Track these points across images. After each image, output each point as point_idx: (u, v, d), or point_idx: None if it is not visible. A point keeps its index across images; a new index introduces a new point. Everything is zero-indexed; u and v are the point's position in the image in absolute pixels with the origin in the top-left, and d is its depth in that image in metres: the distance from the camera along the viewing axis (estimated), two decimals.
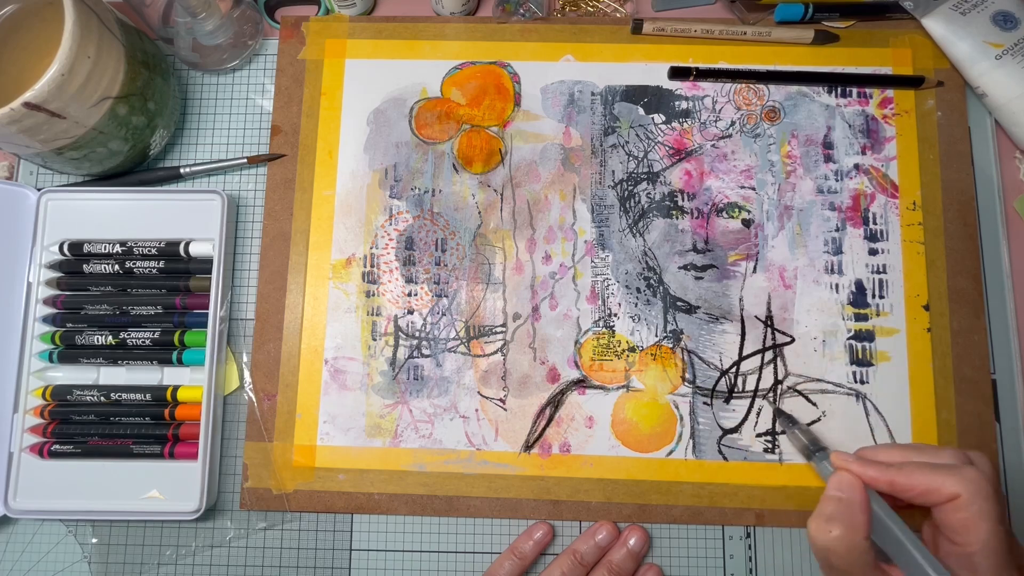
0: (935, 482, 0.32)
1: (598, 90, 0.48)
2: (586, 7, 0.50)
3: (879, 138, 0.47)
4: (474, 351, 0.45)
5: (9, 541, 0.44)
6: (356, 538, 0.44)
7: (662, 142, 0.47)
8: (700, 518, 0.42)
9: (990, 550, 0.31)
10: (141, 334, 0.44)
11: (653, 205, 0.46)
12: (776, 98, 0.47)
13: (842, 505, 0.33)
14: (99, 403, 0.44)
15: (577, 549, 0.41)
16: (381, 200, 0.47)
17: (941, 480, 0.32)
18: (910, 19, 0.48)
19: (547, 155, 0.47)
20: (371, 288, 0.46)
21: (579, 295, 0.45)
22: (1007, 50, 0.45)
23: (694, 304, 0.45)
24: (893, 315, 0.45)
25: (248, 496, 0.43)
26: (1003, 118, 0.46)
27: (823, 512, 0.33)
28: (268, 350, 0.45)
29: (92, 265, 0.45)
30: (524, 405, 0.44)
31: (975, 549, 0.31)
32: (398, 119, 0.48)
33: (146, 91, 0.42)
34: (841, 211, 0.46)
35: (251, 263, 0.47)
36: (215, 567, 0.44)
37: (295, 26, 0.49)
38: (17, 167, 0.49)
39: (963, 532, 0.31)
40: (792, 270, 0.45)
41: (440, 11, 0.49)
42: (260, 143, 0.49)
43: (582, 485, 0.43)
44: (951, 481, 0.31)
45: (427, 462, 0.44)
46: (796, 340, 0.44)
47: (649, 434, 0.44)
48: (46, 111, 0.37)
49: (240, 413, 0.45)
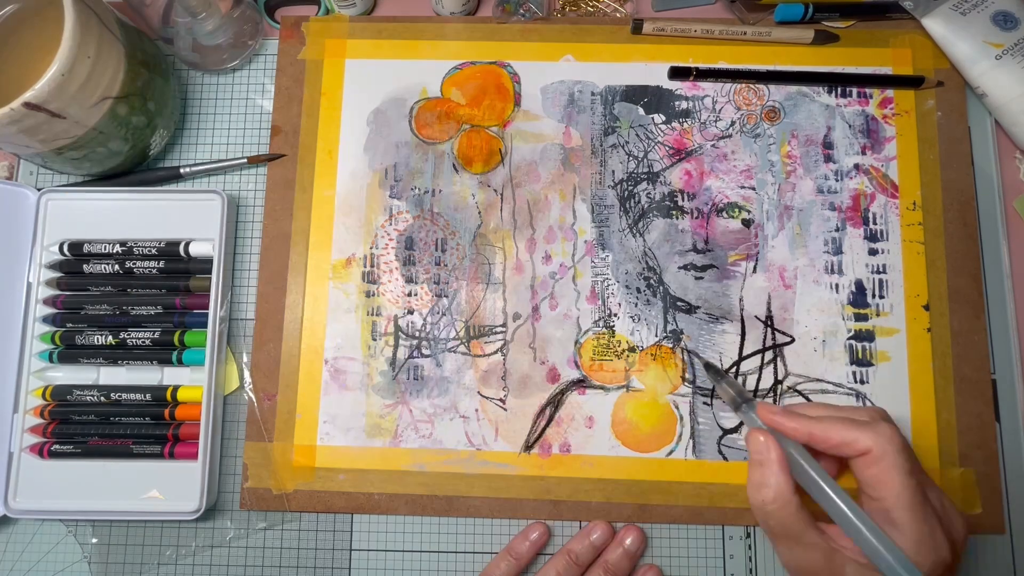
0: (849, 435, 0.32)
1: (598, 90, 0.48)
2: (586, 7, 0.50)
3: (879, 138, 0.47)
4: (474, 351, 0.45)
5: (9, 541, 0.44)
6: (356, 538, 0.44)
7: (662, 142, 0.47)
8: (700, 518, 0.42)
9: (904, 503, 0.31)
10: (141, 334, 0.44)
11: (653, 205, 0.46)
12: (776, 98, 0.47)
13: (763, 467, 0.33)
14: (99, 403, 0.44)
15: (572, 549, 0.41)
16: (381, 200, 0.47)
17: (855, 434, 0.32)
18: (910, 19, 0.48)
19: (547, 155, 0.47)
20: (371, 288, 0.46)
21: (579, 295, 0.45)
22: (1007, 50, 0.45)
23: (694, 304, 0.45)
24: (893, 315, 0.45)
25: (248, 496, 0.43)
26: (1003, 118, 0.46)
27: (752, 479, 0.34)
28: (268, 350, 0.45)
29: (92, 265, 0.45)
30: (524, 405, 0.44)
31: (890, 503, 0.31)
32: (398, 119, 0.48)
33: (146, 91, 0.42)
34: (841, 211, 0.46)
35: (251, 263, 0.47)
36: (215, 567, 0.44)
37: (295, 26, 0.49)
38: (17, 167, 0.49)
39: (877, 486, 0.32)
40: (792, 270, 0.45)
41: (440, 11, 0.49)
42: (260, 143, 0.49)
43: (582, 485, 0.43)
44: (863, 435, 0.32)
45: (427, 462, 0.44)
46: (796, 340, 0.44)
47: (649, 434, 0.44)
48: (46, 111, 0.37)
49: (240, 413, 0.45)
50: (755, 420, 0.35)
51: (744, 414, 0.37)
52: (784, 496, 0.32)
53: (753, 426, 0.35)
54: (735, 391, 0.38)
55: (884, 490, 0.32)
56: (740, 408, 0.37)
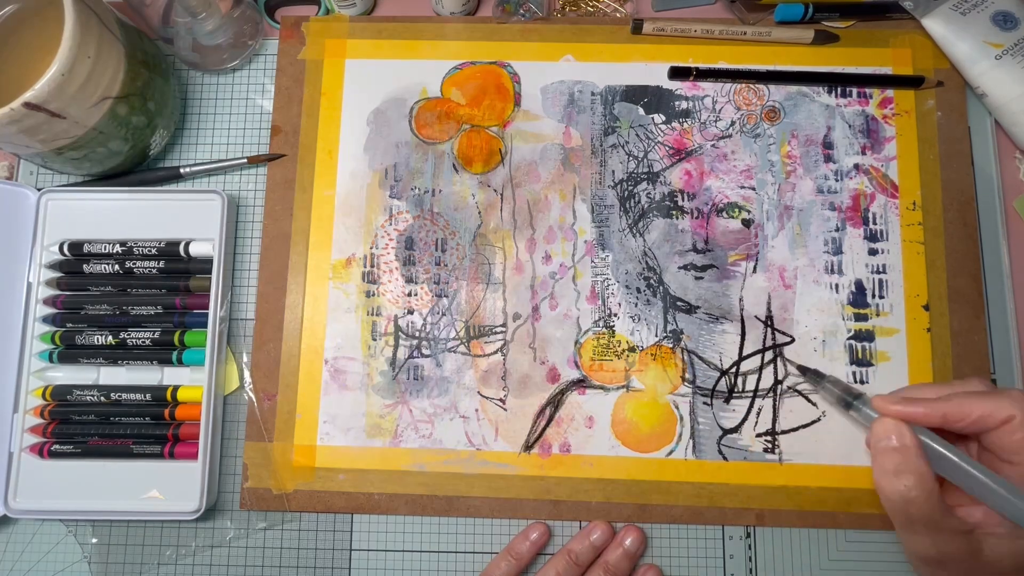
0: (988, 407, 0.32)
1: (598, 90, 0.48)
2: (586, 7, 0.50)
3: (879, 138, 0.47)
4: (474, 351, 0.45)
5: (9, 541, 0.44)
6: (356, 538, 0.44)
7: (662, 142, 0.47)
8: (700, 518, 0.42)
9: None
10: (141, 334, 0.44)
11: (653, 205, 0.46)
12: (776, 98, 0.47)
13: (901, 454, 0.32)
14: (99, 403, 0.44)
15: (572, 549, 0.41)
16: (381, 200, 0.47)
17: (994, 404, 0.32)
18: (910, 19, 0.48)
19: (547, 155, 0.47)
20: (371, 288, 0.46)
21: (579, 295, 0.45)
22: (1007, 50, 0.45)
23: (694, 304, 0.45)
24: (893, 315, 0.45)
25: (248, 496, 0.43)
26: (1003, 118, 0.46)
27: (886, 467, 0.32)
28: (268, 350, 0.45)
29: (92, 265, 0.45)
30: (524, 405, 0.44)
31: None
32: (398, 119, 0.48)
33: (146, 91, 0.42)
34: (841, 211, 0.46)
35: (251, 263, 0.47)
36: (215, 567, 0.44)
37: (295, 26, 0.49)
38: (17, 167, 0.49)
39: (1021, 451, 0.31)
40: (792, 270, 0.45)
41: (440, 11, 0.49)
42: (260, 143, 0.49)
43: (582, 485, 0.43)
44: (1004, 403, 0.31)
45: (427, 462, 0.44)
46: (796, 340, 0.44)
47: (649, 434, 0.44)
48: (46, 111, 0.37)
49: (240, 413, 0.45)
50: (870, 415, 0.35)
51: (857, 411, 0.36)
52: (927, 483, 0.32)
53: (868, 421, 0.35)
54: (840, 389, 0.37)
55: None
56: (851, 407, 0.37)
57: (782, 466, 0.43)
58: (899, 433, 0.33)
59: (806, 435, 0.43)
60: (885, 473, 0.33)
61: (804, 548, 0.43)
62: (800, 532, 0.43)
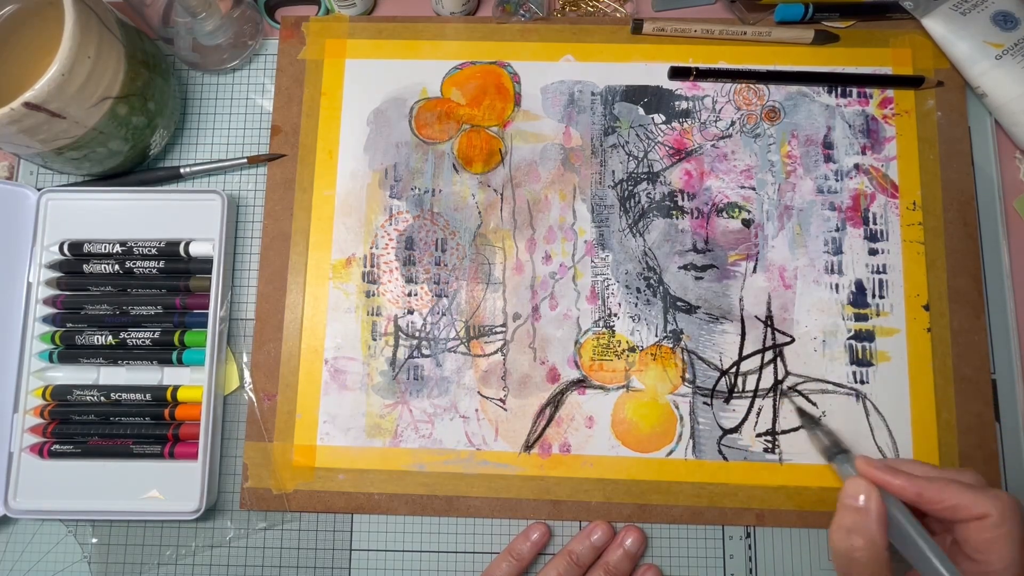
0: (966, 499, 0.32)
1: (598, 90, 0.48)
2: (586, 7, 0.50)
3: (879, 138, 0.47)
4: (474, 351, 0.45)
5: (9, 541, 0.44)
6: (356, 538, 0.44)
7: (662, 142, 0.47)
8: (700, 518, 0.42)
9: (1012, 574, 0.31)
10: (141, 334, 0.44)
11: (653, 205, 0.46)
12: (776, 98, 0.47)
13: (860, 515, 0.33)
14: (99, 403, 0.44)
15: (573, 550, 0.41)
16: (381, 200, 0.47)
17: (972, 498, 0.32)
18: (910, 19, 0.48)
19: (547, 155, 0.47)
20: (371, 288, 0.46)
21: (579, 295, 0.45)
22: (1007, 50, 0.45)
23: (694, 304, 0.45)
24: (893, 315, 0.45)
25: (248, 496, 0.43)
26: (1003, 118, 0.46)
27: (843, 523, 0.33)
28: (268, 350, 0.45)
29: (92, 265, 0.45)
30: (524, 405, 0.44)
31: (996, 568, 0.31)
32: (398, 119, 0.48)
33: (146, 91, 0.42)
34: (841, 211, 0.46)
35: (251, 263, 0.47)
36: (215, 567, 0.44)
37: (295, 26, 0.49)
38: (17, 167, 0.49)
39: (986, 551, 0.31)
40: (792, 270, 0.45)
41: (440, 11, 0.49)
42: (260, 143, 0.49)
43: (582, 485, 0.43)
44: (983, 501, 0.32)
45: (427, 462, 0.44)
46: (796, 340, 0.44)
47: (649, 434, 0.44)
48: (46, 111, 0.37)
49: (240, 413, 0.45)
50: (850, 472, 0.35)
51: (839, 465, 0.36)
52: (877, 550, 0.32)
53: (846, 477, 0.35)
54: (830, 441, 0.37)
55: (993, 556, 0.31)
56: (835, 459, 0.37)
57: (782, 466, 0.43)
58: (868, 495, 0.33)
59: (806, 435, 0.43)
60: (840, 528, 0.33)
61: (804, 548, 0.43)
62: (800, 532, 0.43)
